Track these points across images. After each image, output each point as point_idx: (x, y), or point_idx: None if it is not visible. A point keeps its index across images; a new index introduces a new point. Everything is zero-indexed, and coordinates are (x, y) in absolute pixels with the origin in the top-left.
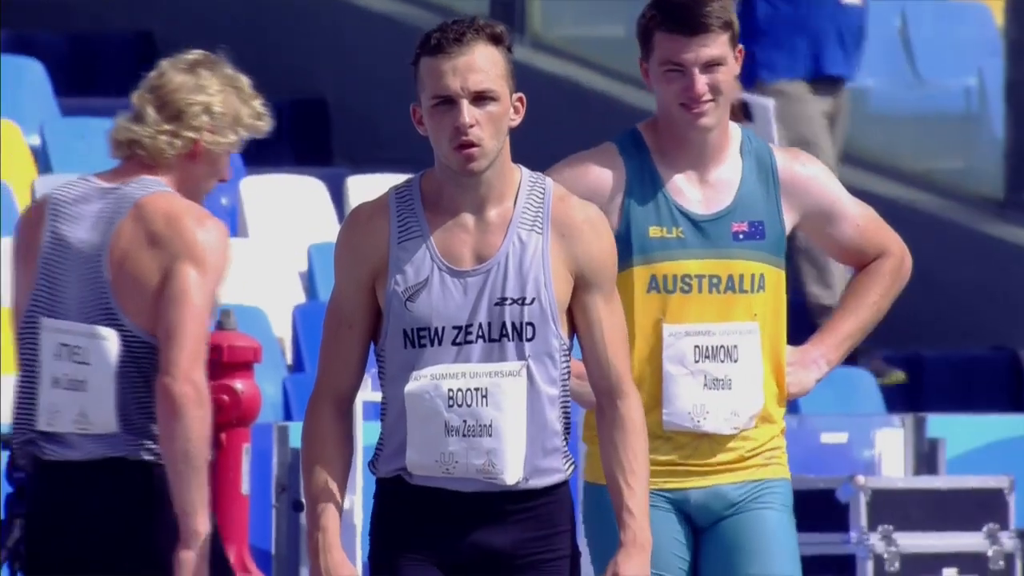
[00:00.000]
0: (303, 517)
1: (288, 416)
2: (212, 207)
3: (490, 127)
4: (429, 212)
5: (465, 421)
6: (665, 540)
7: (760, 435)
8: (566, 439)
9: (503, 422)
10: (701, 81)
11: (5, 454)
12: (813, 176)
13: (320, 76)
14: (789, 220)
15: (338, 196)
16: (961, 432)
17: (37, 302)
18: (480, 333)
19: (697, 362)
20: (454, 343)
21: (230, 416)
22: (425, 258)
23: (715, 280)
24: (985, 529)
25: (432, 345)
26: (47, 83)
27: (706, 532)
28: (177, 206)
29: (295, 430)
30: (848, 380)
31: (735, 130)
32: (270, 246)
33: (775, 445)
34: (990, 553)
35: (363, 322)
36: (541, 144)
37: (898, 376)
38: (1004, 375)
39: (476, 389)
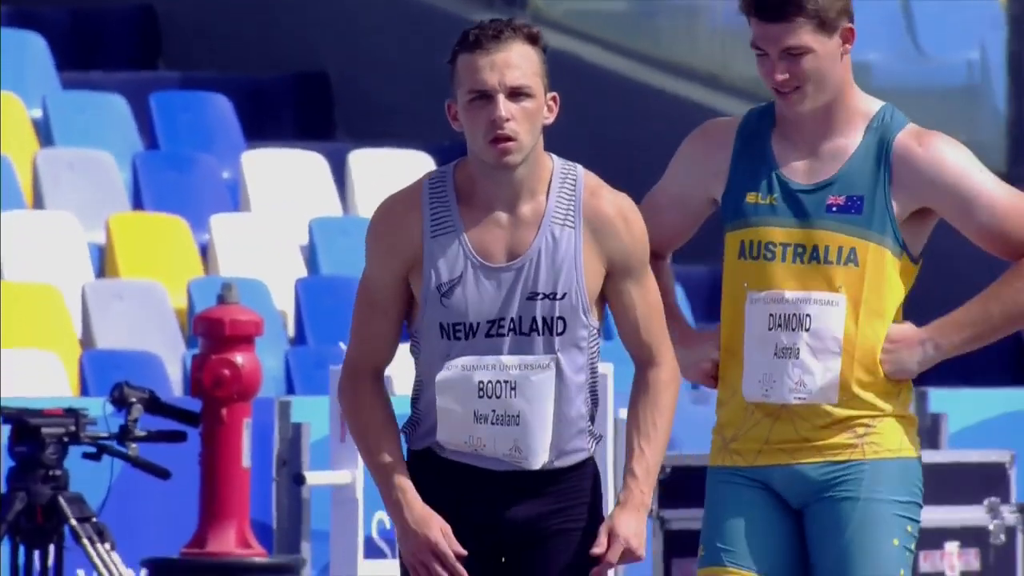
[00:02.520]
0: (304, 491)
1: (290, 390)
2: (213, 181)
3: (525, 122)
4: (463, 206)
5: (494, 411)
6: (737, 525)
7: (844, 413)
8: (593, 417)
9: (531, 413)
10: (781, 68)
11: (7, 428)
12: (932, 158)
13: (322, 50)
14: (902, 200)
15: (340, 170)
16: (963, 407)
17: None
18: (512, 326)
19: (771, 330)
20: (487, 336)
21: (231, 390)
22: (459, 254)
23: (800, 249)
24: (986, 503)
25: (466, 338)
26: (49, 57)
27: (802, 515)
28: None
29: (297, 404)
30: None
31: (870, 105)
32: (272, 220)
33: (866, 424)
34: (991, 527)
35: (396, 307)
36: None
37: None
38: (1006, 350)
39: (506, 381)
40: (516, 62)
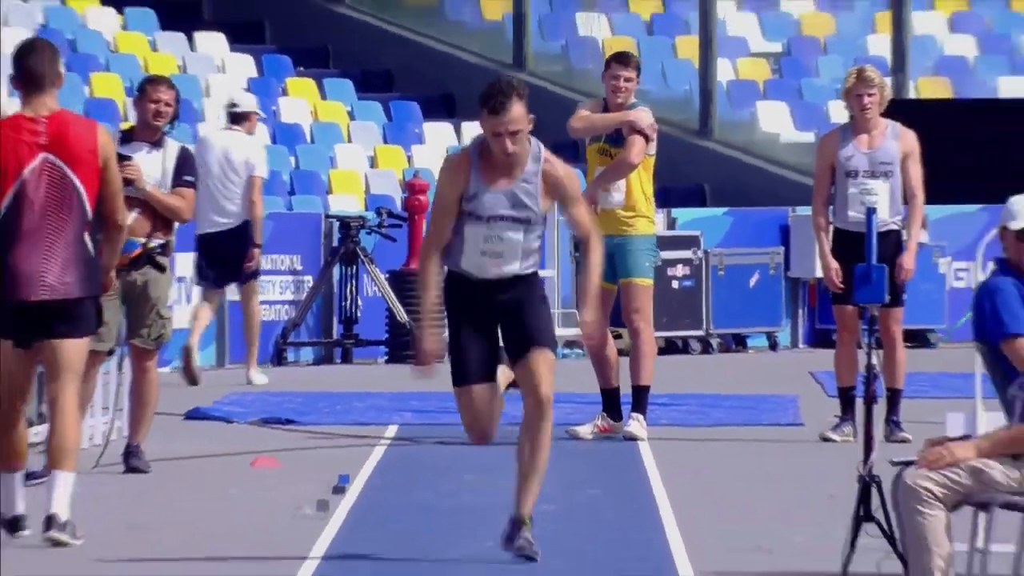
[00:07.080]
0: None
1: None
2: (414, 134)
3: (520, 144)
4: (483, 161)
5: (491, 249)
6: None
7: (624, 214)
8: (539, 251)
9: (508, 252)
10: None
11: (337, 223)
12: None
13: (449, 81)
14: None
15: (457, 129)
16: (685, 215)
17: None
18: (503, 217)
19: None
20: (489, 219)
21: (419, 210)
22: (481, 184)
23: (607, 154)
24: (691, 250)
25: (478, 220)
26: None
27: (614, 253)
28: None
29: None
30: None
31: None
32: (434, 148)
33: (633, 220)
34: (693, 258)
35: (454, 210)
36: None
37: None
38: (693, 191)
39: (498, 236)
40: (515, 120)
